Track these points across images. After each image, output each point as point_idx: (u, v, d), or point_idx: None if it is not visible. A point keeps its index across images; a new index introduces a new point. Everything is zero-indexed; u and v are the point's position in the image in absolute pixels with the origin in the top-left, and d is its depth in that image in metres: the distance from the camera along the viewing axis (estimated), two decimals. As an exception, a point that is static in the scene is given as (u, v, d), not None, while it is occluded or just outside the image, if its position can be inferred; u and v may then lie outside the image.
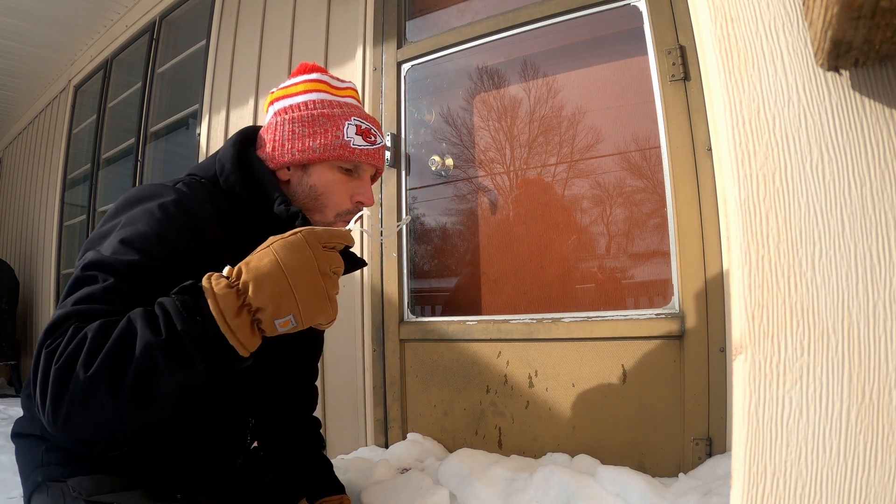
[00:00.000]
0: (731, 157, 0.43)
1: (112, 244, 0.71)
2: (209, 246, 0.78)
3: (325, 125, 0.88)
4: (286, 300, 0.66)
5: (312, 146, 0.87)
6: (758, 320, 0.40)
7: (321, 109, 0.89)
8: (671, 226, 1.34)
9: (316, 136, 0.87)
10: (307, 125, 0.88)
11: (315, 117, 0.88)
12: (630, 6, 1.45)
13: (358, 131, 0.89)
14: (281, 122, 0.89)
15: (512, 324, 1.53)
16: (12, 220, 4.89)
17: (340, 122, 0.89)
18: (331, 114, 0.89)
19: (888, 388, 0.36)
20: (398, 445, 1.57)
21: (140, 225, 0.73)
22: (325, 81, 0.93)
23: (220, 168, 0.87)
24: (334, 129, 0.88)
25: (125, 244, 0.71)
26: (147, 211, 0.75)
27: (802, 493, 0.36)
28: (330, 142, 0.87)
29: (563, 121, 1.60)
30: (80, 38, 3.66)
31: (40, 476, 0.80)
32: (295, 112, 0.89)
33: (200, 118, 2.53)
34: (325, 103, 0.90)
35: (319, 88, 0.91)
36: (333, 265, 0.70)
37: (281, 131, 0.89)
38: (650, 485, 1.13)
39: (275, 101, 0.94)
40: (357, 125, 0.89)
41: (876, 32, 0.35)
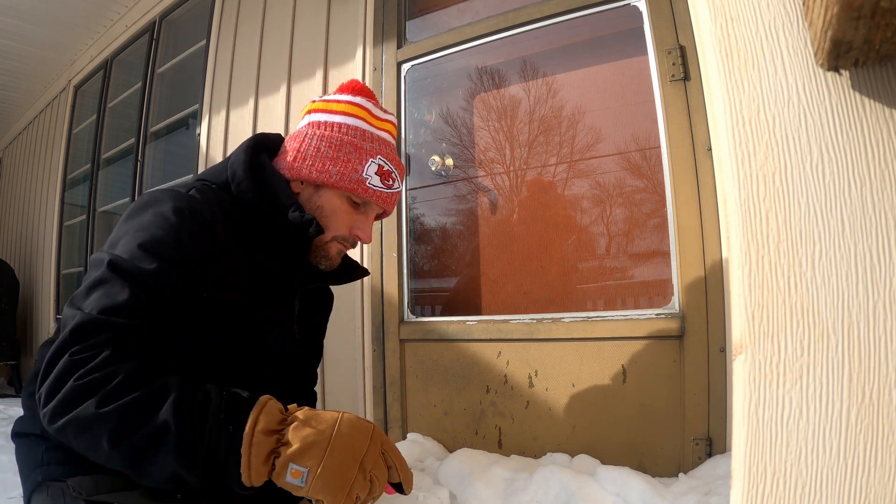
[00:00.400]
0: (731, 157, 0.43)
1: (131, 248, 0.72)
2: (219, 252, 0.79)
3: (350, 155, 0.88)
4: (313, 453, 0.63)
5: (331, 171, 0.87)
6: (758, 320, 0.40)
7: (352, 137, 0.89)
8: (671, 226, 1.34)
9: (338, 162, 0.87)
10: (333, 148, 0.88)
11: (343, 143, 0.88)
12: (630, 6, 1.45)
13: (378, 171, 0.89)
14: (310, 136, 0.90)
15: (512, 324, 1.53)
16: (12, 220, 4.89)
17: (365, 157, 0.88)
18: (359, 145, 0.89)
19: (888, 388, 0.36)
20: (398, 445, 1.57)
21: (157, 230, 0.73)
22: (366, 108, 0.92)
23: (232, 174, 0.87)
24: (357, 162, 0.88)
25: (144, 250, 0.71)
26: (162, 216, 0.75)
27: (802, 493, 0.36)
28: (348, 173, 0.87)
29: (563, 121, 1.60)
30: (80, 38, 3.66)
31: (40, 476, 0.79)
32: (326, 131, 0.89)
33: (200, 118, 2.53)
34: (359, 132, 0.90)
35: (359, 114, 0.91)
36: (377, 470, 0.67)
37: (307, 145, 0.89)
38: (650, 485, 1.13)
39: (313, 111, 0.94)
40: (380, 165, 0.89)
41: (876, 32, 0.35)
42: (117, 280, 0.69)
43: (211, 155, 2.44)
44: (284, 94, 2.16)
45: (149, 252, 0.71)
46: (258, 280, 0.85)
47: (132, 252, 0.71)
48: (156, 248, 0.72)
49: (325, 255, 0.92)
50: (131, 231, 0.75)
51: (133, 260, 0.70)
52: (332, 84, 2.02)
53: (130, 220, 0.78)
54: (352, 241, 0.94)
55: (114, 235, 0.77)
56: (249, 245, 0.84)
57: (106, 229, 3.45)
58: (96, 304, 0.67)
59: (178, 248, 0.73)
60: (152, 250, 0.71)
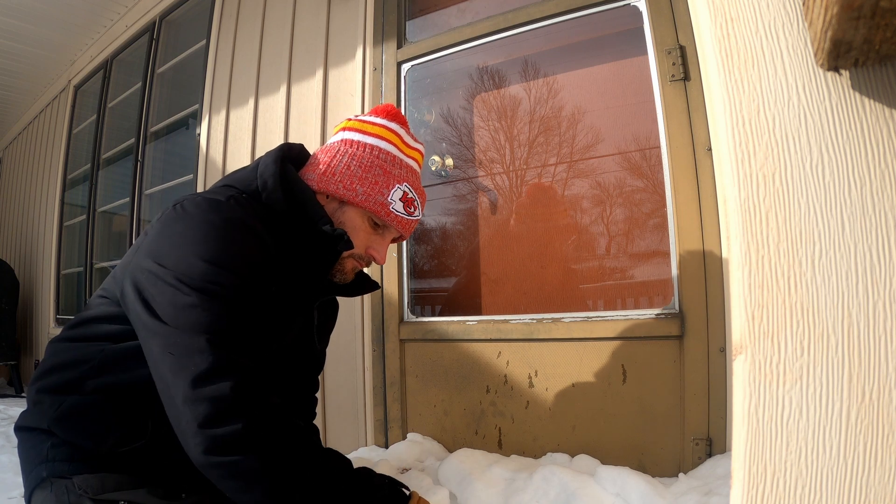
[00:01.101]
0: (731, 157, 0.43)
1: (196, 264, 0.72)
2: (271, 258, 0.81)
3: (378, 178, 0.91)
4: None
5: (358, 190, 0.90)
6: (758, 320, 0.40)
7: (382, 161, 0.92)
8: (671, 226, 1.34)
9: (365, 182, 0.90)
10: (364, 169, 0.91)
11: (374, 166, 0.91)
12: (630, 6, 1.45)
13: (403, 198, 0.93)
14: (343, 153, 0.92)
15: (512, 324, 1.53)
16: (12, 220, 4.89)
17: (393, 182, 0.92)
18: (388, 170, 0.92)
19: (888, 388, 0.36)
20: (398, 445, 1.57)
21: (217, 242, 0.74)
22: (399, 135, 0.96)
23: (263, 184, 0.89)
24: (384, 185, 0.91)
25: (215, 265, 0.72)
26: (215, 226, 0.76)
27: (802, 493, 0.36)
28: (374, 195, 0.90)
29: (562, 121, 1.60)
30: (80, 38, 3.66)
31: (45, 471, 0.79)
32: (359, 150, 0.92)
33: (200, 118, 2.53)
34: (389, 158, 0.93)
35: (391, 139, 0.94)
36: None
37: (339, 161, 0.92)
38: (650, 485, 1.13)
39: (347, 129, 0.96)
40: (405, 192, 0.93)
41: (876, 32, 0.35)
42: (206, 304, 0.70)
43: (211, 155, 2.44)
44: (284, 94, 2.16)
45: (222, 267, 0.72)
46: (286, 291, 0.88)
47: (204, 271, 0.72)
48: (225, 260, 0.73)
49: (340, 270, 0.95)
50: (186, 243, 0.75)
51: (209, 278, 0.71)
52: (332, 84, 2.02)
53: (172, 227, 0.77)
54: (367, 261, 0.96)
55: (151, 244, 0.77)
56: (282, 255, 0.86)
57: (106, 229, 3.45)
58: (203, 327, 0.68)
59: (245, 261, 0.75)
60: (222, 264, 0.73)
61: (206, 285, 0.70)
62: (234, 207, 0.80)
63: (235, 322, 0.70)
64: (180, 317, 0.69)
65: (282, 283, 0.86)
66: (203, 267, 0.71)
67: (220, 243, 0.74)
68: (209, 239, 0.74)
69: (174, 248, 0.75)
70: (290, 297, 0.89)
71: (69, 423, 0.79)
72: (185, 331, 0.68)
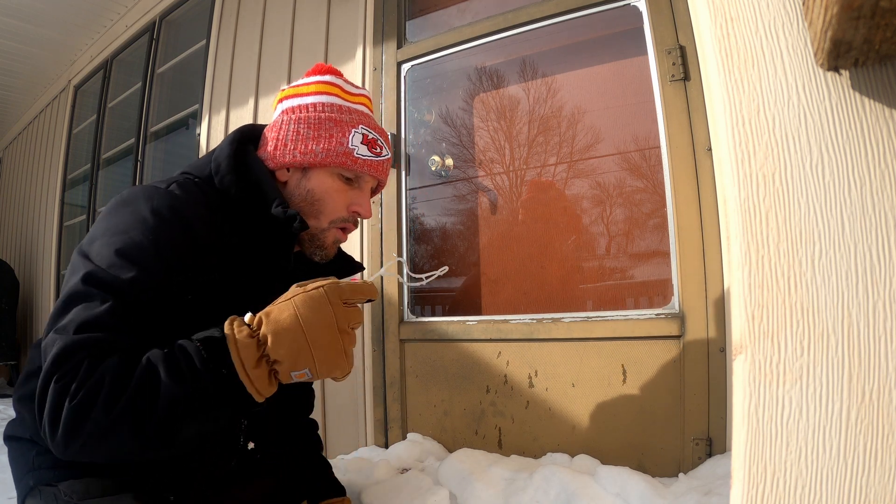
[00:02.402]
0: (731, 157, 0.43)
1: (107, 256, 0.70)
2: (202, 251, 0.77)
3: (331, 130, 0.85)
4: (303, 355, 0.68)
5: (315, 150, 0.84)
6: (758, 320, 0.40)
7: (329, 113, 0.86)
8: (671, 226, 1.34)
9: (320, 139, 0.85)
10: (313, 128, 0.85)
11: (322, 120, 0.86)
12: (630, 6, 1.45)
13: (364, 140, 0.86)
14: (286, 122, 0.87)
15: (512, 324, 1.53)
16: (12, 220, 4.89)
17: (347, 128, 0.86)
18: (339, 119, 0.86)
19: (888, 388, 0.36)
20: (398, 445, 1.57)
21: (134, 234, 0.72)
22: (338, 85, 0.90)
23: (216, 167, 0.84)
24: (340, 135, 0.85)
25: (122, 256, 0.70)
26: (140, 218, 0.73)
27: (802, 493, 0.36)
28: (333, 148, 0.84)
29: (562, 121, 1.60)
30: (80, 38, 3.66)
31: (31, 480, 0.79)
32: (302, 113, 0.87)
33: (200, 118, 2.53)
34: (335, 107, 0.87)
35: (331, 91, 0.89)
36: (352, 322, 0.71)
37: (285, 131, 0.86)
38: (650, 485, 1.13)
39: (284, 98, 0.91)
40: (364, 134, 0.87)
41: (876, 32, 0.35)
42: (95, 293, 0.68)
43: (211, 155, 2.44)
44: (284, 94, 2.16)
45: (126, 258, 0.69)
46: (245, 278, 0.83)
47: (109, 259, 0.70)
48: (133, 253, 0.70)
49: (320, 245, 0.89)
50: (108, 233, 0.73)
51: (110, 269, 0.69)
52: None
53: (108, 218, 0.76)
54: (352, 220, 0.90)
55: (92, 232, 0.75)
56: (235, 241, 0.82)
57: (106, 229, 3.45)
58: (74, 322, 0.66)
59: (157, 252, 0.71)
60: (130, 256, 0.70)
61: (102, 279, 0.68)
62: (170, 196, 0.75)
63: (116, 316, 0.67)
64: (60, 309, 0.68)
65: (235, 271, 0.81)
66: (111, 259, 0.69)
67: (137, 234, 0.71)
68: (130, 230, 0.72)
69: (100, 238, 0.73)
70: (252, 285, 0.84)
71: None
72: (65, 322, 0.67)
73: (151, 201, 0.74)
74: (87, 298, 0.67)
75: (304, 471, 1.11)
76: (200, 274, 0.76)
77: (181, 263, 0.73)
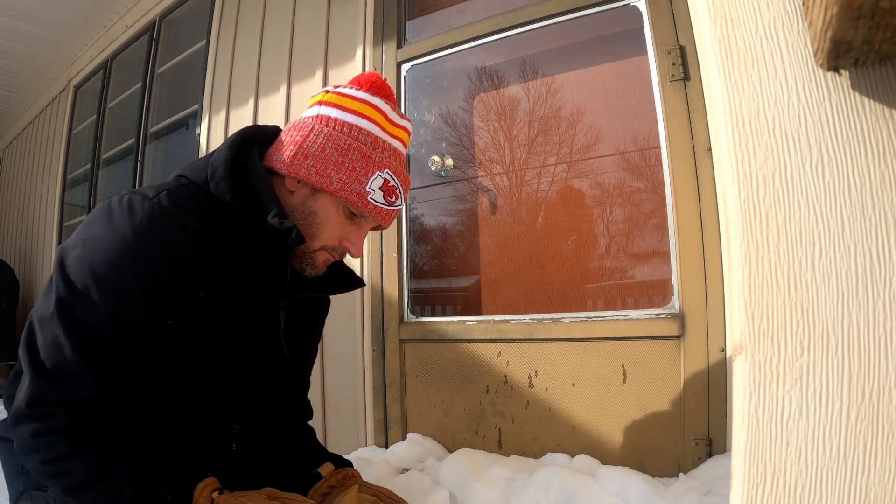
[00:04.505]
0: (731, 157, 0.43)
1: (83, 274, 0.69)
2: (186, 272, 0.74)
3: (356, 163, 0.81)
4: None
5: (332, 177, 0.80)
6: (758, 320, 0.40)
7: (361, 144, 0.82)
8: (671, 226, 1.34)
9: (341, 168, 0.80)
10: (340, 152, 0.81)
11: (352, 149, 0.81)
12: (630, 6, 1.45)
13: (383, 186, 0.83)
14: (317, 132, 0.82)
15: (512, 324, 1.53)
16: (12, 220, 4.89)
17: (372, 168, 0.82)
18: (368, 154, 0.82)
19: (888, 388, 0.36)
20: (398, 445, 1.57)
21: (113, 253, 0.69)
22: (382, 112, 0.85)
23: (212, 172, 0.80)
24: (362, 172, 0.81)
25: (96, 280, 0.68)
26: (121, 234, 0.70)
27: (802, 493, 0.36)
28: (350, 183, 0.80)
29: (562, 121, 1.60)
30: (80, 38, 3.66)
31: (21, 485, 0.79)
32: (335, 130, 0.82)
33: (200, 118, 2.53)
34: (370, 139, 0.83)
35: (373, 118, 0.84)
36: None
37: (311, 142, 0.81)
38: (650, 485, 1.13)
39: (324, 103, 0.85)
40: (386, 180, 0.83)
41: (876, 32, 0.35)
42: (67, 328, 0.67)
43: (211, 155, 2.44)
44: (284, 94, 2.16)
45: (101, 284, 0.68)
46: (235, 292, 0.80)
47: (84, 279, 0.68)
48: (109, 278, 0.68)
49: (310, 263, 0.86)
50: (89, 245, 0.71)
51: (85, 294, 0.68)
52: (332, 84, 2.01)
53: (89, 228, 0.73)
54: (340, 253, 0.87)
55: (73, 238, 0.73)
56: (227, 252, 0.79)
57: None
58: (47, 359, 0.67)
59: (134, 277, 0.69)
60: (105, 281, 0.68)
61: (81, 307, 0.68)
62: (155, 211, 0.72)
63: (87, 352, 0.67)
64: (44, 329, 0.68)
65: (228, 284, 0.78)
66: (89, 282, 0.68)
67: (117, 258, 0.69)
68: (108, 249, 0.69)
69: (79, 249, 0.71)
70: (246, 300, 0.81)
71: None
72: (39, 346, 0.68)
73: (133, 218, 0.71)
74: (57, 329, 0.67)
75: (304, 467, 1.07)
76: (183, 297, 0.73)
77: (161, 290, 0.71)
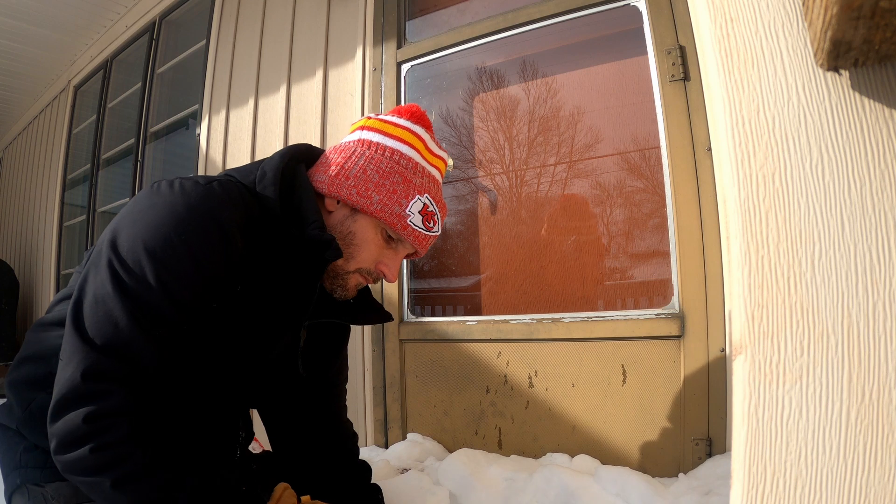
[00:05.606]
0: (731, 157, 0.43)
1: (134, 250, 0.67)
2: (234, 258, 0.73)
3: (396, 186, 0.81)
4: None
5: (373, 198, 0.81)
6: (758, 320, 0.40)
7: (402, 168, 0.82)
8: (671, 226, 1.34)
9: (382, 190, 0.81)
10: (381, 174, 0.81)
11: (393, 172, 0.82)
12: (630, 6, 1.45)
13: (422, 210, 0.83)
14: (359, 154, 0.83)
15: (512, 324, 1.53)
16: (12, 220, 4.88)
17: (413, 192, 0.82)
18: (409, 178, 0.82)
19: (888, 388, 0.36)
20: (398, 445, 1.57)
21: (166, 229, 0.68)
22: (423, 140, 0.86)
23: (261, 175, 0.80)
24: (402, 195, 0.81)
25: (149, 254, 0.66)
26: (174, 212, 0.69)
27: (802, 493, 0.36)
28: (391, 205, 0.81)
29: (562, 121, 1.60)
30: (80, 38, 3.66)
31: (18, 478, 0.78)
32: (377, 154, 0.82)
33: (200, 118, 2.53)
34: (411, 164, 0.83)
35: (414, 145, 0.85)
36: None
37: (353, 163, 0.82)
38: (650, 485, 1.13)
39: (366, 128, 0.87)
40: (425, 205, 0.83)
41: (875, 32, 0.35)
42: (120, 300, 0.65)
43: (211, 155, 2.44)
44: (284, 94, 2.16)
45: (153, 258, 0.66)
46: (263, 298, 0.79)
47: (135, 255, 0.66)
48: (163, 254, 0.66)
49: (341, 285, 0.85)
50: (139, 223, 0.69)
51: (136, 268, 0.66)
52: (332, 84, 2.02)
53: (139, 205, 0.71)
54: (375, 277, 0.86)
55: (121, 218, 0.72)
56: (265, 253, 0.78)
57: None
58: (99, 335, 0.64)
59: (188, 254, 0.67)
60: (157, 256, 0.66)
61: (134, 280, 0.65)
62: (209, 194, 0.71)
63: (144, 325, 0.65)
64: (96, 307, 0.65)
65: (258, 288, 0.77)
66: (141, 256, 0.66)
67: (171, 233, 0.67)
68: (162, 225, 0.68)
69: (129, 227, 0.69)
70: (271, 309, 0.80)
71: (38, 426, 0.75)
72: (88, 325, 0.65)
73: (188, 197, 0.70)
74: (112, 303, 0.65)
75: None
76: (227, 283, 0.72)
77: (212, 269, 0.69)
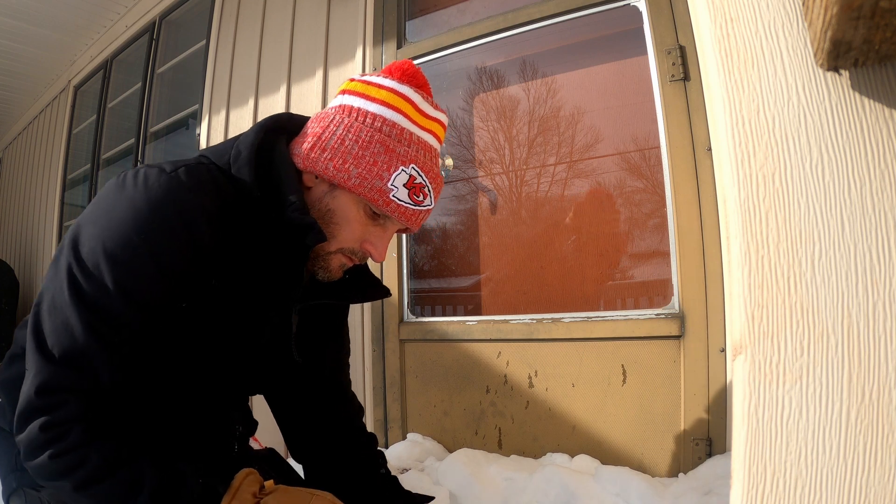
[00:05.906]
0: (731, 157, 0.43)
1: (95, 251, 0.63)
2: (201, 254, 0.68)
3: (377, 157, 0.72)
4: None
5: (350, 171, 0.72)
6: (758, 320, 0.40)
7: (384, 136, 0.73)
8: (671, 226, 1.34)
9: (361, 162, 0.72)
10: (359, 144, 0.72)
11: (373, 141, 0.72)
12: (630, 6, 1.45)
13: (409, 183, 0.73)
14: (337, 123, 0.74)
15: (512, 324, 1.53)
16: (12, 220, 4.89)
17: (395, 163, 0.73)
18: (392, 147, 0.73)
19: (888, 388, 0.36)
20: (398, 445, 1.57)
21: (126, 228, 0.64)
22: (412, 102, 0.76)
23: (236, 154, 0.74)
24: (383, 167, 0.72)
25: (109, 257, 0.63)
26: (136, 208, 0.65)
27: (802, 493, 0.36)
28: (370, 179, 0.72)
29: (562, 121, 1.60)
30: (80, 38, 3.66)
31: (15, 482, 0.77)
32: (357, 121, 0.73)
33: (200, 118, 2.53)
34: (395, 130, 0.73)
35: (400, 108, 0.75)
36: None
37: (330, 134, 0.74)
38: (650, 485, 1.13)
39: (348, 91, 0.77)
40: (412, 176, 0.73)
41: (876, 32, 0.35)
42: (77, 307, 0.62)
43: (211, 155, 2.44)
44: (284, 94, 2.16)
45: (114, 261, 0.63)
46: (245, 287, 0.75)
47: (95, 256, 0.63)
48: (123, 256, 0.63)
49: (323, 266, 0.79)
50: (100, 220, 0.65)
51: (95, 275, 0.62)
52: (332, 84, 2.02)
53: (102, 202, 0.68)
54: (360, 257, 0.79)
55: (84, 214, 0.68)
56: (242, 243, 0.72)
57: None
58: (56, 345, 0.62)
59: (149, 251, 0.64)
60: (118, 259, 0.63)
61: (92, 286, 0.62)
62: (173, 185, 0.66)
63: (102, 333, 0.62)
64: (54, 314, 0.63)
65: (237, 278, 0.73)
66: (100, 259, 0.63)
67: (131, 233, 0.63)
68: (122, 224, 0.64)
69: (91, 225, 0.66)
70: (254, 298, 0.76)
71: None
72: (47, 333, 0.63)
73: (150, 191, 0.65)
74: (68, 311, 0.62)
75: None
76: (197, 279, 0.68)
77: (176, 267, 0.65)
